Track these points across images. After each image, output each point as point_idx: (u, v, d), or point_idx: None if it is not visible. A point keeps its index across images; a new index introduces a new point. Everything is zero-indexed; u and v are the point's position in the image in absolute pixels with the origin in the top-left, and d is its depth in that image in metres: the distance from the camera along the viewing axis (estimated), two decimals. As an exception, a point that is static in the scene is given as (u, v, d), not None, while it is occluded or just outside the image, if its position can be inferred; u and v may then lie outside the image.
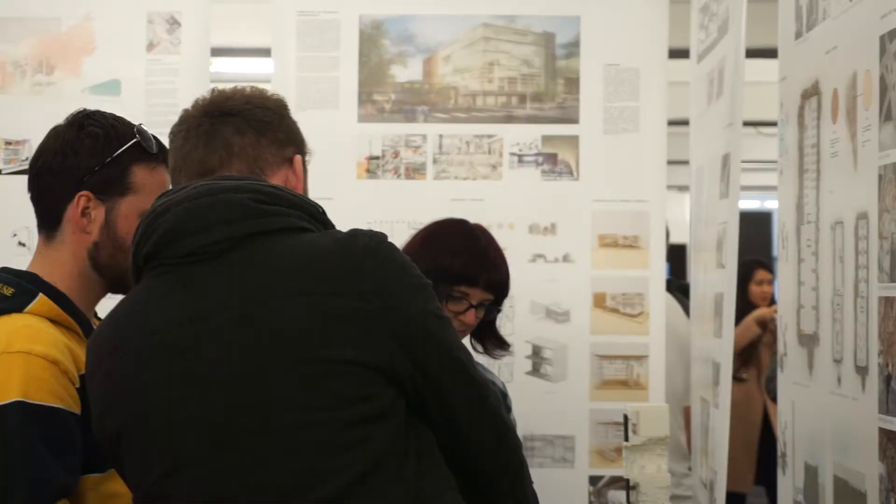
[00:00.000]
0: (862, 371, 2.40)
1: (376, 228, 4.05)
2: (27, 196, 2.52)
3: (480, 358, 3.49)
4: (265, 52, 4.22)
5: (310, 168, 2.35)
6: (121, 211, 2.44)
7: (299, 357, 1.96)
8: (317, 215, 2.13)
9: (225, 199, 2.04)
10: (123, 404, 2.08)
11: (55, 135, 2.49)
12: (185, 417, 2.01)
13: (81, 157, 2.44)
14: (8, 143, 3.96)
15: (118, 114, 2.56)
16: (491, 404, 2.13)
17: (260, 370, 1.96)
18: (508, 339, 4.10)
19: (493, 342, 3.35)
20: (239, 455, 1.97)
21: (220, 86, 2.35)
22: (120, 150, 2.43)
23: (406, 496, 1.97)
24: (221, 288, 2.02)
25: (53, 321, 2.37)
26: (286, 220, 2.06)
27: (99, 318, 2.43)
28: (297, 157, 2.27)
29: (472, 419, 2.10)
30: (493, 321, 3.31)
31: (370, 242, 2.04)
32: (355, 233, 2.07)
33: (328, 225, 2.14)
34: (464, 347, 2.15)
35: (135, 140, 2.43)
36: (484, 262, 3.16)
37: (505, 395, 3.40)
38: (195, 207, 2.04)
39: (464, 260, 3.13)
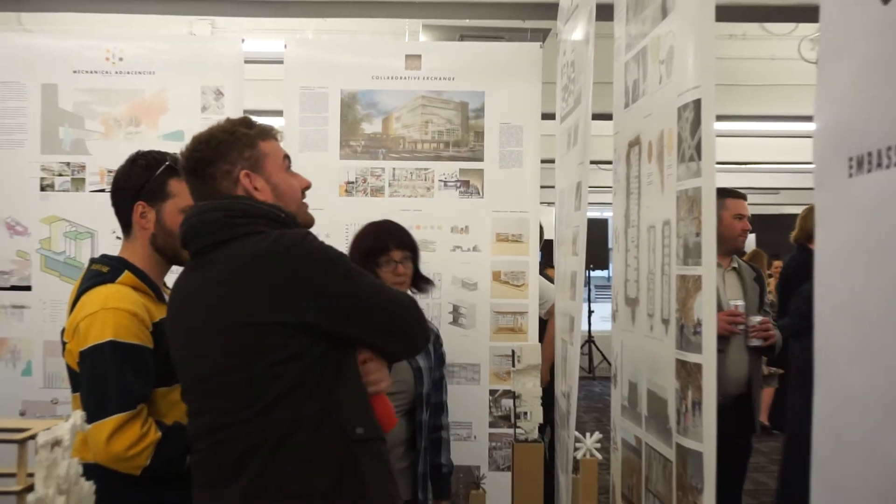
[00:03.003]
0: (665, 322, 2.40)
1: (351, 229, 4.10)
2: None
3: (420, 300, 3.42)
4: (279, 113, 4.19)
5: (310, 190, 2.22)
6: (166, 210, 2.45)
7: (240, 322, 1.93)
8: (277, 217, 2.04)
9: (206, 217, 2.05)
10: (169, 346, 2.17)
11: (120, 168, 2.51)
12: (183, 358, 2.08)
13: (134, 180, 2.45)
14: (110, 171, 3.94)
15: None
16: (382, 309, 2.03)
17: (216, 331, 1.97)
18: (437, 303, 4.08)
19: (421, 281, 3.26)
20: (204, 384, 2.01)
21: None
22: (158, 172, 2.43)
23: (315, 407, 1.93)
24: (204, 276, 2.02)
25: (135, 288, 2.39)
26: (246, 228, 2.00)
27: (168, 287, 2.39)
28: (244, 172, 2.06)
29: (371, 325, 2.03)
30: (417, 268, 3.23)
31: (292, 239, 1.95)
32: (282, 234, 1.97)
33: (288, 221, 2.05)
34: (363, 286, 2.01)
35: (167, 163, 2.42)
36: (388, 234, 3.12)
37: (437, 335, 3.37)
38: (192, 224, 2.07)
39: (375, 238, 3.11)
